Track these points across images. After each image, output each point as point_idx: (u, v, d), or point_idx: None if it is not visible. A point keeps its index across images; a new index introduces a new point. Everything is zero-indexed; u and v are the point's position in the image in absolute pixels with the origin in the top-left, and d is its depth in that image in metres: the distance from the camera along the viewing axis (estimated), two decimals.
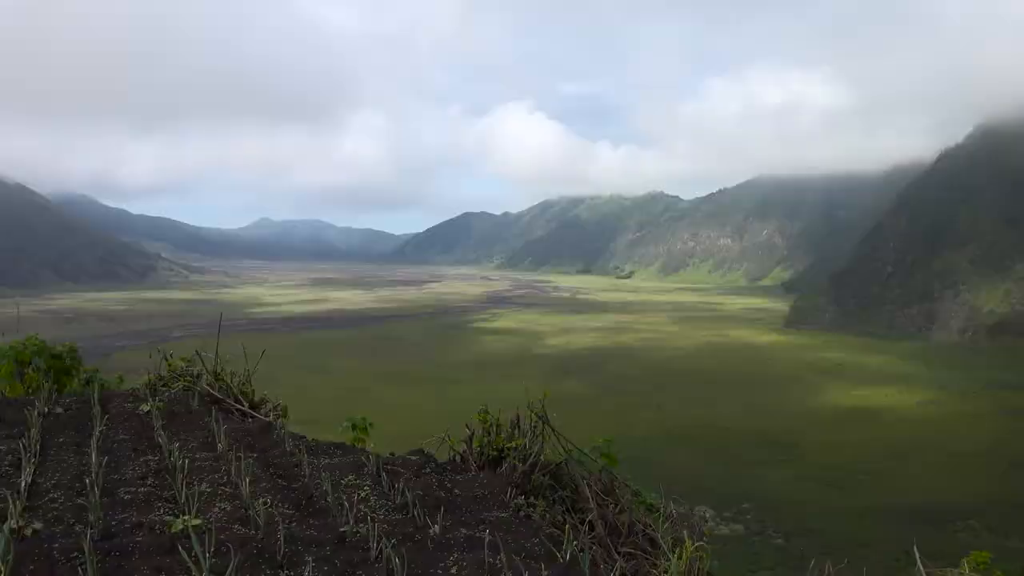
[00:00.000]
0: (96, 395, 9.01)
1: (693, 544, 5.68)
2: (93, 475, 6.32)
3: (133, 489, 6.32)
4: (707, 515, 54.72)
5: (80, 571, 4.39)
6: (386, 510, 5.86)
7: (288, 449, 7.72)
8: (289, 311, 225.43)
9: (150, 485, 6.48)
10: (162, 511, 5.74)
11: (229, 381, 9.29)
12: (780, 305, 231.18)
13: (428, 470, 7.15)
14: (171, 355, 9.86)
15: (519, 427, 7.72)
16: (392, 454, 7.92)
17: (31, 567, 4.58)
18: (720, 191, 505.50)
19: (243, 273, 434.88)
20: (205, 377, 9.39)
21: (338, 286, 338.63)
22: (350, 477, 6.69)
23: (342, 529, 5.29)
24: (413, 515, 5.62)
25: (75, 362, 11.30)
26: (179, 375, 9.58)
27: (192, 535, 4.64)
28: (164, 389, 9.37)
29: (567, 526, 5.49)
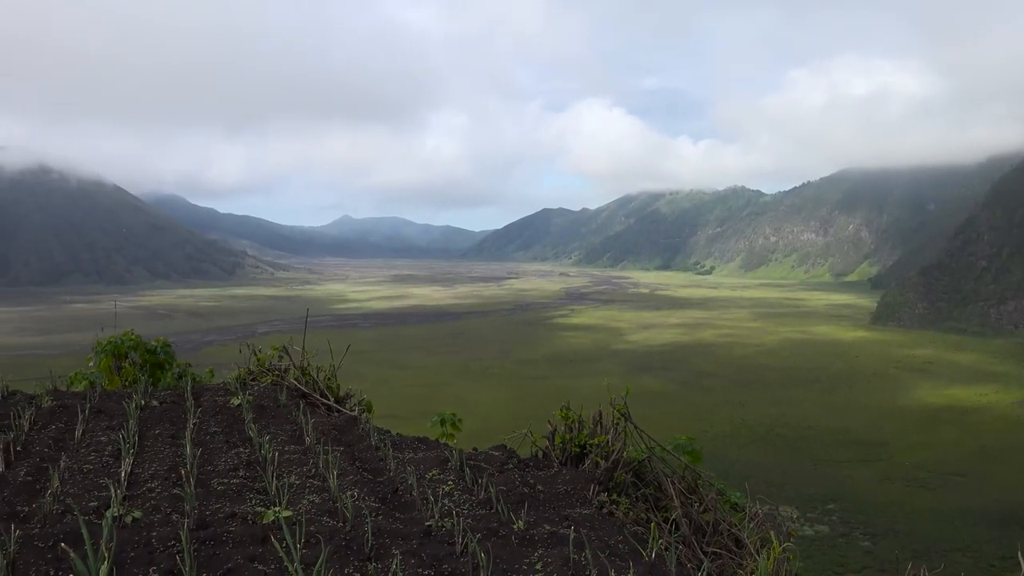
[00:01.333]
0: (189, 389, 9.31)
1: (780, 545, 5.58)
2: (188, 466, 6.53)
3: (226, 480, 6.51)
4: (793, 515, 53.65)
5: (177, 559, 4.53)
6: (470, 505, 5.90)
7: (373, 443, 7.83)
8: (370, 307, 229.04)
9: (242, 477, 6.65)
10: (254, 502, 5.88)
11: (315, 376, 9.48)
12: (866, 301, 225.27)
13: (511, 466, 7.17)
14: (259, 350, 10.11)
15: (601, 424, 7.69)
16: (475, 449, 7.97)
17: (132, 554, 4.74)
18: (804, 185, 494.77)
19: (325, 270, 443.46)
20: (292, 372, 9.60)
21: (417, 283, 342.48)
22: (434, 472, 6.75)
23: (428, 523, 5.34)
24: (497, 510, 5.64)
25: (168, 357, 11.68)
26: (268, 370, 9.81)
27: (283, 526, 4.74)
28: (253, 383, 9.62)
29: (652, 524, 5.44)
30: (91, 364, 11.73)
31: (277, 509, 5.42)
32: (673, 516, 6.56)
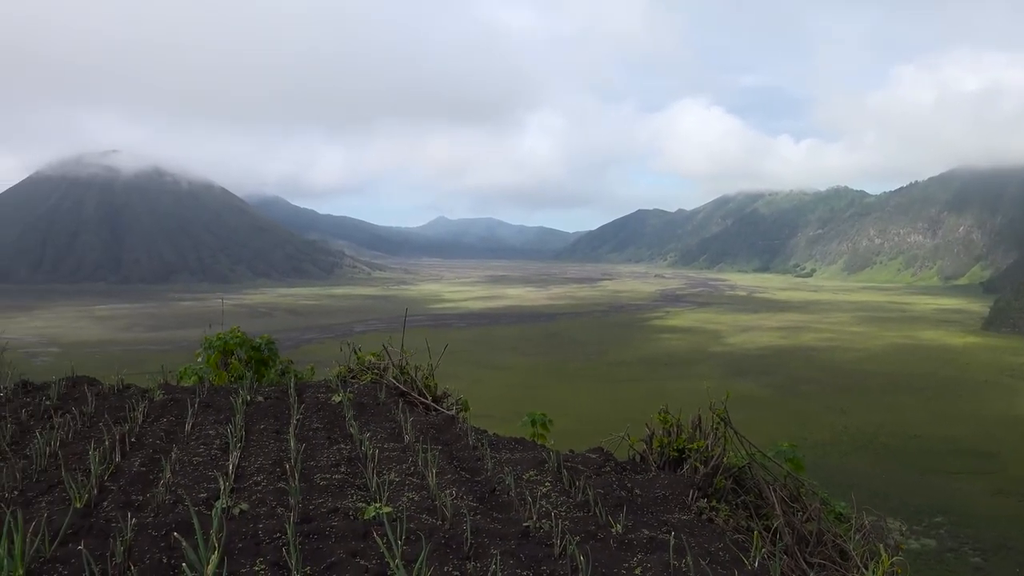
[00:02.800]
0: (292, 385, 9.56)
1: (890, 559, 5.37)
2: (292, 461, 6.70)
3: (328, 476, 6.63)
4: (901, 528, 51.83)
5: (284, 552, 4.64)
6: (567, 507, 5.87)
7: (471, 443, 7.88)
8: (464, 307, 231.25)
9: (343, 473, 6.76)
10: (355, 498, 5.98)
11: (413, 375, 9.60)
12: (978, 306, 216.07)
13: (608, 468, 7.11)
14: (359, 349, 10.30)
15: (700, 428, 7.57)
16: (571, 451, 7.94)
17: (239, 545, 4.88)
18: (911, 184, 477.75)
19: (421, 270, 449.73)
20: (391, 370, 9.75)
21: (511, 283, 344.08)
22: (531, 472, 6.75)
23: (525, 524, 5.34)
24: (595, 513, 5.60)
25: (272, 354, 12.04)
26: (367, 368, 9.99)
27: (385, 523, 4.81)
28: (354, 381, 9.81)
29: (755, 532, 5.32)
30: (199, 360, 12.17)
31: (378, 505, 5.50)
32: (775, 525, 6.40)
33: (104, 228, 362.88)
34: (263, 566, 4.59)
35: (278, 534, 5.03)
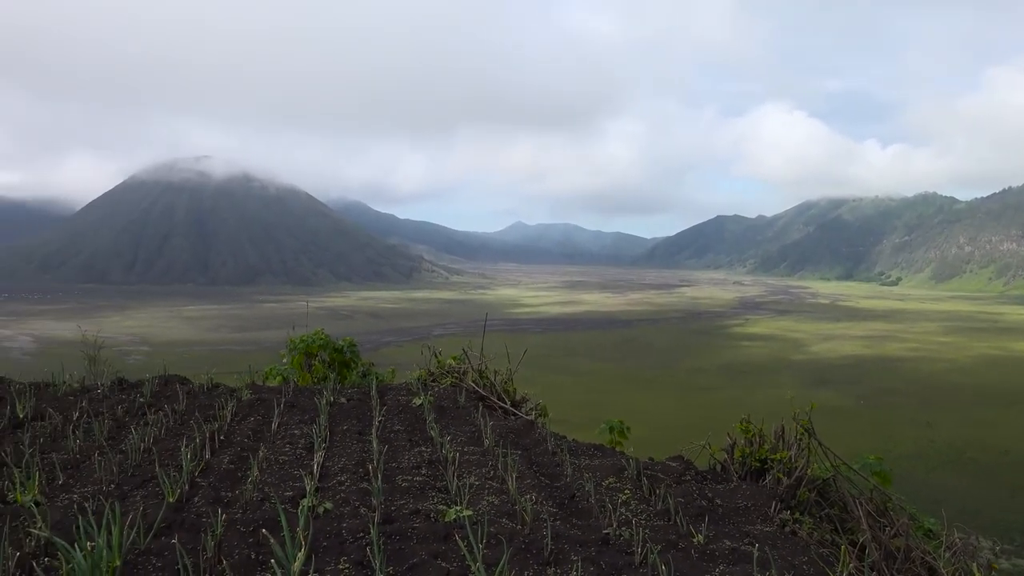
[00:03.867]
0: (374, 387, 9.71)
1: None
2: (375, 462, 6.81)
3: (409, 477, 6.73)
4: (993, 547, 49.94)
5: (368, 551, 4.72)
6: (647, 515, 5.84)
7: (550, 448, 7.90)
8: (541, 312, 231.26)
9: (424, 475, 6.85)
10: (436, 500, 6.06)
11: (492, 379, 9.65)
12: None
13: (688, 477, 7.06)
14: (439, 352, 10.41)
15: (783, 439, 7.44)
16: (650, 459, 7.89)
17: (324, 543, 4.99)
18: (1005, 190, 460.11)
19: (498, 275, 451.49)
20: (470, 374, 9.82)
21: (588, 289, 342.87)
22: (611, 479, 6.73)
23: (605, 531, 5.33)
24: (675, 522, 5.56)
25: (354, 356, 12.26)
26: (447, 372, 10.09)
27: (466, 525, 4.86)
28: (433, 384, 9.92)
29: (843, 547, 5.21)
30: (284, 360, 12.47)
31: (458, 508, 5.56)
32: (861, 539, 6.25)
33: (193, 231, 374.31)
34: (347, 565, 4.68)
35: (361, 534, 5.13)
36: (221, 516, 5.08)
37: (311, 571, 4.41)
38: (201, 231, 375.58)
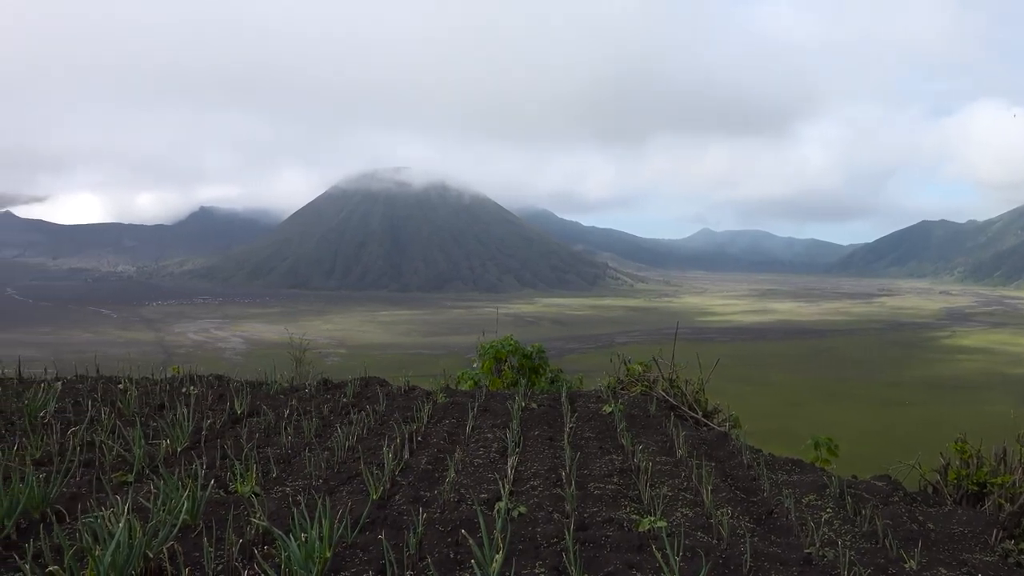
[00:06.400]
0: (565, 394, 9.79)
1: None
2: (567, 468, 6.86)
3: (601, 485, 6.71)
4: None
5: (563, 557, 4.75)
6: (852, 536, 5.55)
7: (745, 461, 7.68)
8: (728, 321, 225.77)
9: (616, 483, 6.81)
10: (628, 509, 6.01)
11: (683, 389, 9.50)
12: None
13: (896, 499, 6.65)
14: (629, 361, 10.35)
15: (1005, 461, 6.87)
16: (854, 477, 7.52)
17: (519, 547, 5.06)
18: None
19: (684, 283, 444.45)
20: (661, 383, 9.70)
21: (779, 297, 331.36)
22: (811, 497, 6.45)
23: (807, 550, 5.11)
24: (884, 545, 5.26)
25: (543, 362, 12.41)
26: (637, 380, 10.01)
27: (663, 536, 4.79)
28: (623, 392, 9.87)
29: None
30: (475, 365, 12.80)
31: (652, 519, 5.49)
32: None
33: (388, 239, 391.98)
34: (543, 569, 4.72)
35: (555, 539, 5.16)
36: (421, 515, 5.26)
37: (509, 574, 4.48)
38: (395, 239, 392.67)
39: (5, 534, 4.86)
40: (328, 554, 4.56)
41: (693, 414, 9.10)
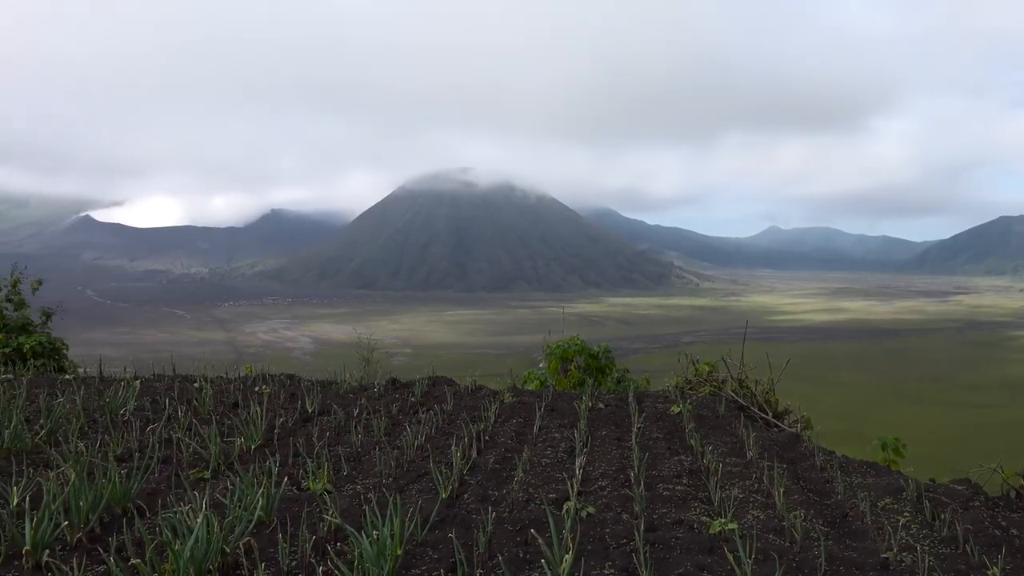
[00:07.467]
0: (631, 394, 9.72)
1: None
2: (636, 469, 6.82)
3: (670, 486, 6.66)
4: None
5: (632, 558, 4.73)
6: (931, 541, 5.41)
7: (818, 464, 7.54)
8: (797, 320, 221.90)
9: (685, 484, 6.75)
10: (698, 511, 5.95)
11: (753, 389, 9.36)
12: None
13: (977, 503, 6.45)
14: (697, 360, 10.24)
15: None
16: (932, 480, 7.33)
17: (588, 547, 5.05)
18: None
19: (751, 281, 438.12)
20: (730, 383, 9.58)
21: (850, 296, 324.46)
22: (886, 500, 6.30)
23: (884, 555, 5.00)
24: (965, 551, 5.11)
25: (610, 362, 12.36)
26: (705, 380, 9.91)
27: (735, 539, 4.73)
28: (691, 392, 9.77)
29: None
30: (541, 365, 12.81)
31: (723, 520, 5.43)
32: None
33: (453, 239, 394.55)
34: (612, 570, 4.70)
35: (624, 540, 5.14)
36: (491, 514, 5.29)
37: (580, 574, 4.47)
38: (460, 239, 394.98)
39: (89, 528, 5.02)
40: (399, 551, 4.61)
41: (763, 415, 8.96)
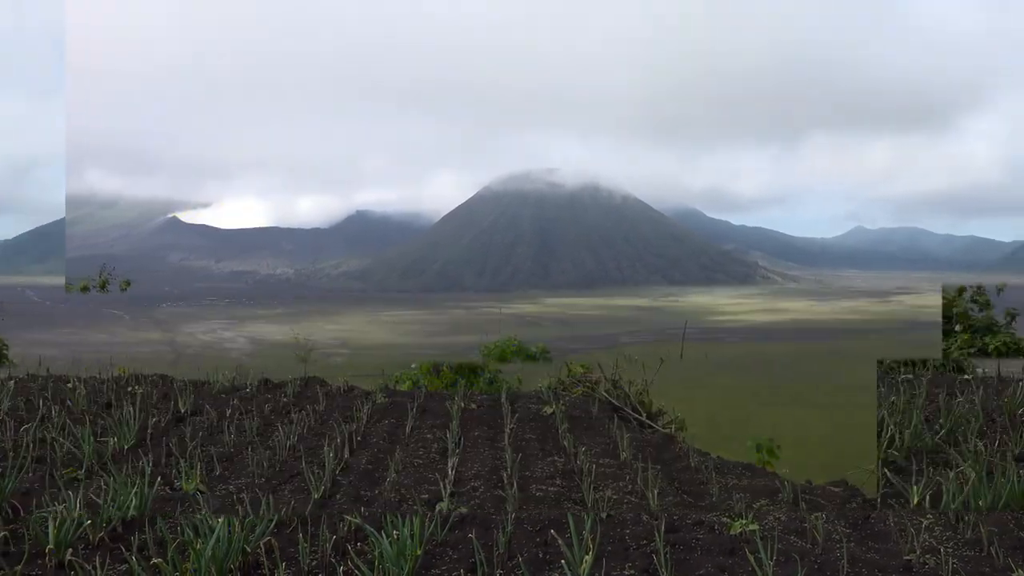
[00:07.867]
0: (504, 395, 9.74)
1: None
2: (508, 470, 6.81)
3: (544, 487, 6.69)
4: None
5: (654, 559, 4.69)
6: (954, 544, 5.35)
7: (692, 465, 7.56)
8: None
9: (559, 485, 6.77)
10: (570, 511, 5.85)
11: (627, 390, 9.36)
12: None
13: (854, 504, 6.43)
14: (570, 362, 10.26)
15: None
16: (808, 482, 7.29)
17: (608, 548, 4.99)
18: None
19: (836, 282, 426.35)
20: (603, 384, 9.59)
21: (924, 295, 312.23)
22: (762, 502, 6.33)
23: (907, 557, 5.01)
24: (989, 554, 5.10)
25: (546, 362, 12.46)
26: (578, 380, 9.94)
27: (757, 540, 4.76)
28: (564, 394, 9.79)
29: None
30: (413, 366, 12.93)
31: (743, 521, 5.41)
32: None
33: (537, 240, 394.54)
34: (632, 571, 4.71)
35: (644, 541, 5.13)
36: (511, 515, 5.32)
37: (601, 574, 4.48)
38: (544, 240, 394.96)
39: None
40: (419, 551, 4.64)
41: (637, 416, 8.96)
